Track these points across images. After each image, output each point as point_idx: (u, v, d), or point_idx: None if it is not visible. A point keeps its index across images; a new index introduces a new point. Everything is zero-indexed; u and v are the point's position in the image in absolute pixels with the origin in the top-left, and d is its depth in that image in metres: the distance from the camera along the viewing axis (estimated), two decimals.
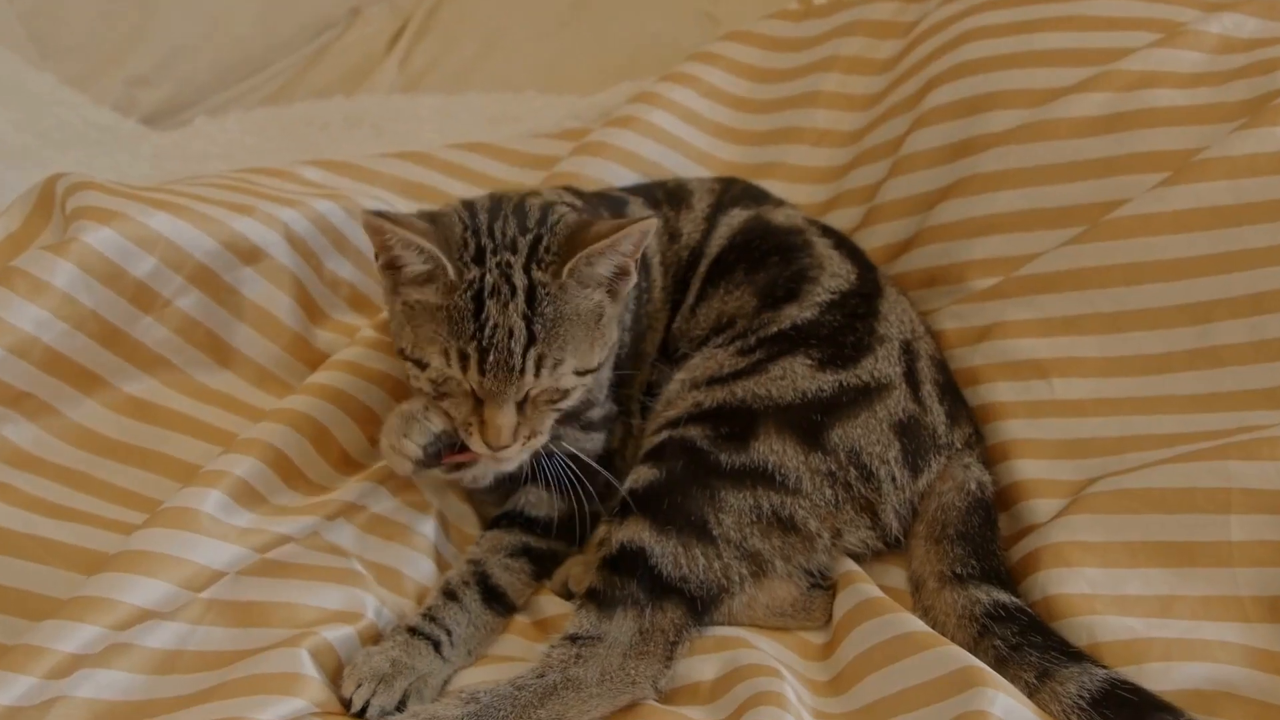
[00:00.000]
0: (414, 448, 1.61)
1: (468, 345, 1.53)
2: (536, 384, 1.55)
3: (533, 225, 1.60)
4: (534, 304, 1.54)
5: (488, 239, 1.58)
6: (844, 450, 1.63)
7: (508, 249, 1.57)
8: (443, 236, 1.58)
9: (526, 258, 1.56)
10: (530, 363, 1.53)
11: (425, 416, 1.62)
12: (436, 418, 1.63)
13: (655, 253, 1.87)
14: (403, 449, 1.62)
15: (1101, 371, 1.75)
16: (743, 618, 1.61)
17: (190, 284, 1.88)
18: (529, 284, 1.54)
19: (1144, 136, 1.85)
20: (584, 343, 1.59)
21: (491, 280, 1.54)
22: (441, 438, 1.63)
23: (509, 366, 1.53)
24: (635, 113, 2.25)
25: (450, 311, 1.55)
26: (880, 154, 2.15)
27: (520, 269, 1.55)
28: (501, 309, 1.53)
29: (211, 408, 1.87)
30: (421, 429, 1.62)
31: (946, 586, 1.60)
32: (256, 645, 1.48)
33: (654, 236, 1.85)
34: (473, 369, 1.54)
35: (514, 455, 1.60)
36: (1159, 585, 1.55)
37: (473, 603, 1.61)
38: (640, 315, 1.84)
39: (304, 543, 1.63)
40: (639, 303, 1.83)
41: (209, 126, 2.82)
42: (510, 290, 1.54)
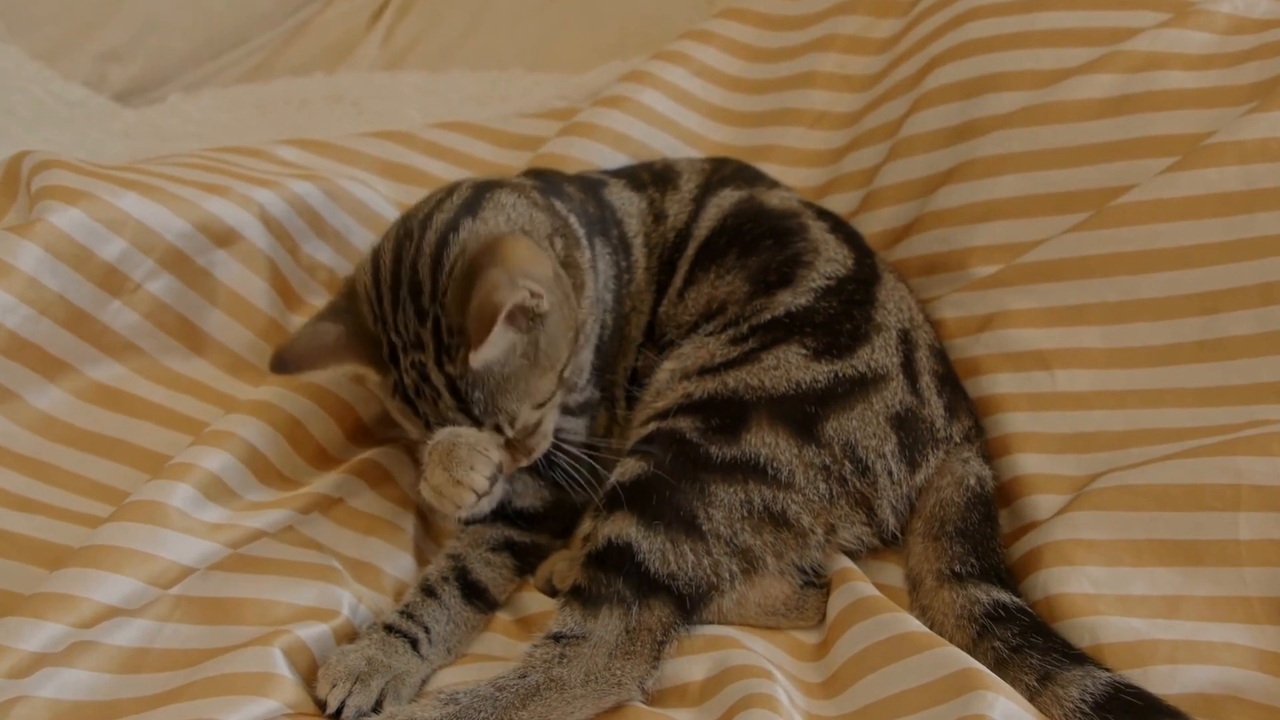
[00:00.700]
0: (482, 481, 1.58)
1: (418, 425, 1.62)
2: (502, 441, 1.59)
3: (427, 301, 1.58)
4: (459, 395, 1.57)
5: (396, 336, 1.60)
6: (839, 443, 1.61)
7: (415, 347, 1.58)
8: (356, 337, 1.62)
9: (435, 352, 1.57)
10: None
11: (485, 449, 1.59)
12: (492, 448, 1.61)
13: (638, 233, 1.87)
14: (471, 482, 1.58)
15: (1106, 363, 1.74)
16: (733, 616, 1.59)
17: (161, 267, 1.87)
18: (447, 380, 1.57)
19: (1151, 120, 1.83)
20: (530, 382, 1.60)
21: (411, 381, 1.59)
22: (499, 466, 1.62)
23: None
24: (625, 92, 2.24)
25: (400, 411, 1.63)
26: (879, 136, 2.13)
27: (433, 366, 1.57)
28: (433, 408, 1.59)
29: (183, 396, 1.86)
30: (485, 461, 1.59)
31: (945, 585, 1.59)
32: (227, 643, 1.47)
33: (636, 217, 1.87)
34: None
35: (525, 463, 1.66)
36: (1164, 585, 1.54)
37: (452, 599, 1.60)
38: (622, 297, 1.83)
39: (278, 537, 1.62)
40: (620, 284, 1.82)
41: (183, 104, 2.81)
42: (433, 392, 1.58)
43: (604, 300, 1.79)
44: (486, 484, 1.58)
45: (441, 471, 1.57)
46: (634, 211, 1.89)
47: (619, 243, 1.84)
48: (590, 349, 1.75)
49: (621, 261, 1.83)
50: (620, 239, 1.85)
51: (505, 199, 1.68)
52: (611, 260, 1.82)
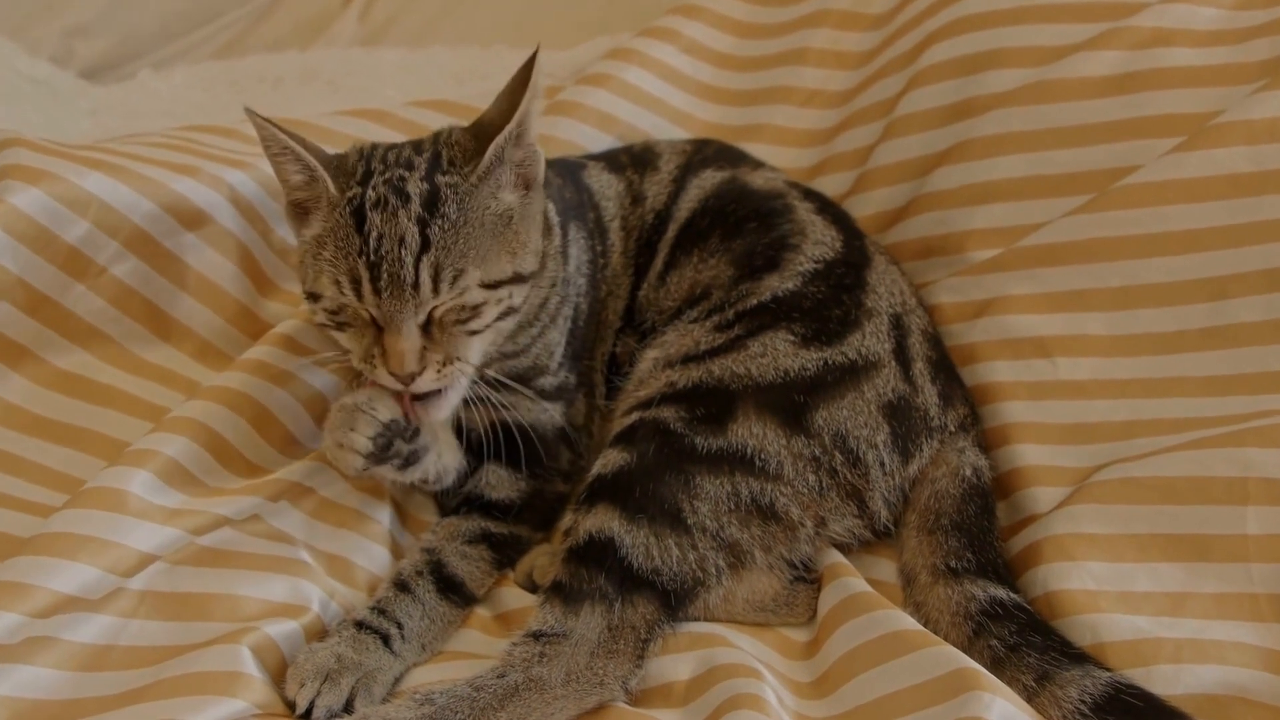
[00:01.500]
0: (363, 441, 1.58)
1: (356, 264, 1.51)
2: (437, 299, 1.52)
3: (428, 146, 1.60)
4: (435, 206, 1.52)
5: (379, 164, 1.58)
6: (828, 433, 1.60)
7: (402, 166, 1.56)
8: (331, 160, 1.59)
9: (428, 168, 1.56)
10: (425, 274, 1.50)
11: (370, 407, 1.59)
12: (383, 406, 1.59)
13: (614, 216, 1.87)
14: (351, 444, 1.58)
15: (1109, 350, 1.74)
16: (720, 613, 1.59)
17: (127, 250, 1.86)
18: (430, 189, 1.53)
19: (1156, 98, 1.84)
20: (491, 250, 1.56)
21: (376, 194, 1.53)
22: (392, 427, 1.60)
23: (401, 280, 1.50)
24: (610, 70, 2.23)
25: (335, 232, 1.54)
26: (873, 115, 2.13)
27: (418, 179, 1.54)
28: (389, 218, 1.51)
29: (149, 383, 1.85)
30: (368, 420, 1.58)
31: (940, 581, 1.58)
32: (194, 641, 1.46)
33: (614, 200, 1.87)
34: (366, 291, 1.51)
35: (431, 384, 1.56)
36: (1169, 581, 1.53)
37: (426, 594, 1.59)
38: (597, 281, 1.83)
39: (245, 528, 1.61)
40: (594, 268, 1.82)
41: (153, 81, 2.79)
42: (401, 199, 1.52)
43: (577, 284, 1.78)
44: (369, 444, 1.57)
45: (327, 435, 1.59)
46: (611, 194, 1.89)
47: (595, 226, 1.83)
48: (560, 330, 1.74)
49: (597, 246, 1.83)
50: (597, 222, 1.84)
51: None
52: (586, 245, 1.82)
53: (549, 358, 1.75)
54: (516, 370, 1.70)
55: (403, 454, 1.62)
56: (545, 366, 1.74)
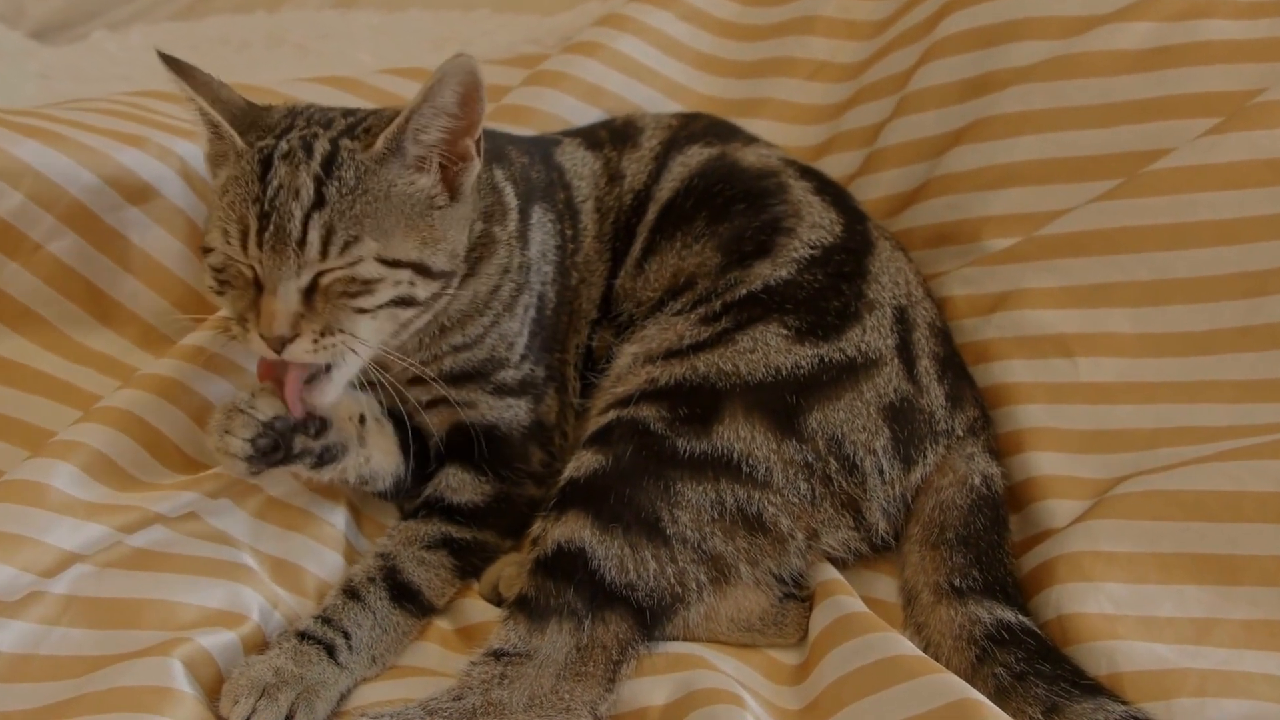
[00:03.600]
0: (240, 444, 1.54)
1: (248, 212, 1.49)
2: (324, 264, 1.49)
3: (361, 112, 1.60)
4: (332, 167, 1.50)
5: (302, 120, 1.58)
6: (823, 437, 1.58)
7: (319, 124, 1.56)
8: (249, 115, 1.59)
9: (339, 131, 1.55)
10: (315, 233, 1.47)
11: (250, 405, 1.56)
12: (264, 403, 1.56)
13: (587, 197, 1.85)
14: (227, 447, 1.55)
15: (1135, 350, 1.73)
16: (701, 632, 1.57)
17: (64, 225, 1.85)
18: (331, 149, 1.52)
19: (1192, 75, 1.82)
20: (396, 229, 1.53)
21: (286, 145, 1.52)
22: (276, 425, 1.56)
23: (287, 234, 1.47)
24: (600, 38, 2.22)
25: (238, 180, 1.52)
26: (884, 90, 2.13)
27: (326, 139, 1.53)
28: (291, 169, 1.50)
29: (86, 370, 1.85)
30: (245, 421, 1.55)
31: (943, 601, 1.57)
32: (121, 651, 1.45)
33: (588, 179, 1.85)
34: (251, 242, 1.49)
35: (303, 351, 1.50)
36: (1194, 606, 1.51)
37: (379, 601, 1.57)
38: (566, 268, 1.80)
39: (182, 527, 1.59)
40: (563, 254, 1.80)
41: (108, 42, 2.78)
42: (306, 153, 1.51)
43: (541, 271, 1.76)
44: (247, 447, 1.54)
45: (208, 438, 1.57)
46: (586, 173, 1.87)
47: (565, 208, 1.82)
48: (518, 320, 1.73)
49: (566, 230, 1.81)
50: (567, 204, 1.82)
51: None
52: (554, 229, 1.80)
53: (508, 349, 1.72)
54: (471, 363, 1.68)
55: (312, 450, 1.59)
56: (504, 359, 1.72)
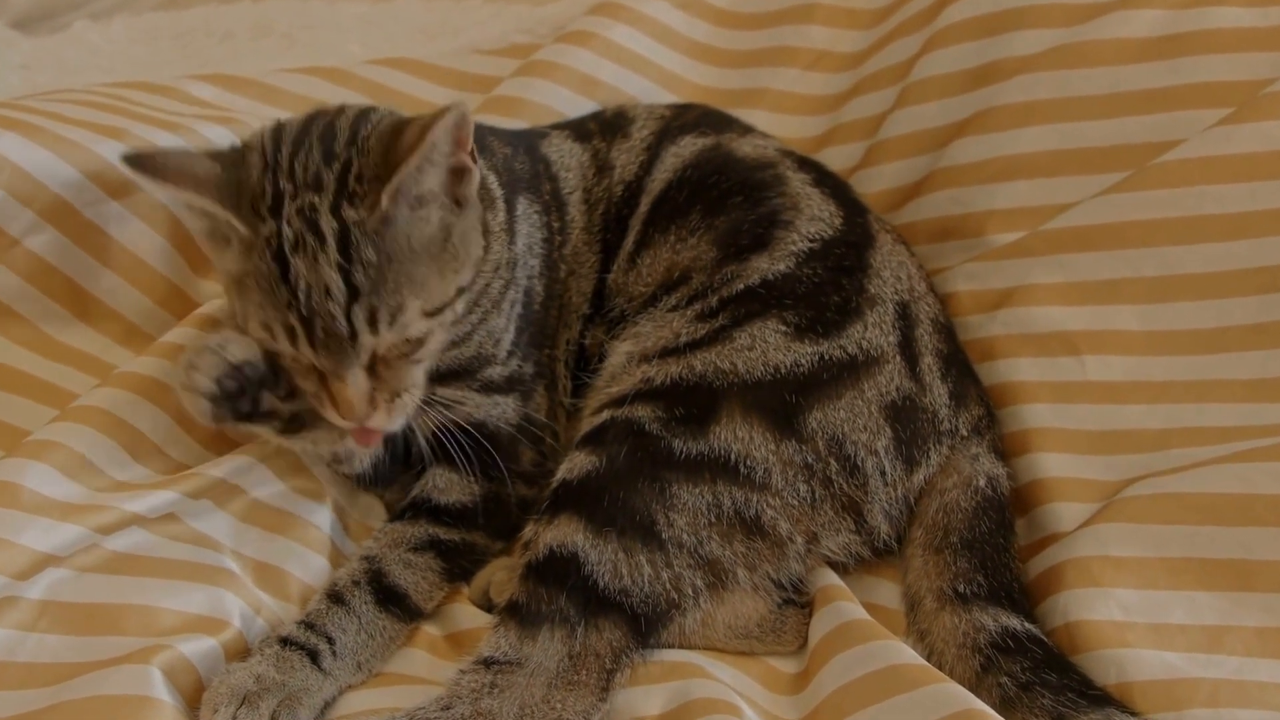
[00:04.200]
0: (205, 381, 1.53)
1: (287, 315, 1.47)
2: (378, 342, 1.48)
3: (341, 148, 1.51)
4: (349, 250, 1.45)
5: (287, 180, 1.50)
6: (823, 438, 1.57)
7: (310, 188, 1.47)
8: (232, 182, 1.50)
9: (335, 194, 1.47)
10: (361, 321, 1.45)
11: (221, 346, 1.55)
12: (237, 347, 1.55)
13: (575, 188, 1.85)
14: (192, 382, 1.54)
15: (1143, 348, 1.72)
16: (697, 639, 1.57)
17: (44, 220, 1.84)
18: (340, 227, 1.45)
19: (1202, 64, 1.81)
20: (429, 276, 1.51)
21: (292, 231, 1.45)
22: (246, 370, 1.55)
23: (337, 333, 1.45)
24: (593, 27, 2.22)
25: (257, 277, 1.48)
26: (885, 80, 2.12)
27: (327, 211, 1.45)
28: (310, 264, 1.44)
29: (65, 368, 1.84)
30: (215, 360, 1.54)
31: (947, 607, 1.56)
32: (99, 658, 1.43)
33: (575, 170, 1.85)
34: (302, 343, 1.48)
35: (383, 422, 1.54)
36: (1207, 613, 1.50)
37: (364, 606, 1.56)
38: (554, 261, 1.80)
39: (161, 529, 1.58)
40: (549, 246, 1.79)
41: (90, 33, 2.74)
42: (318, 240, 1.45)
43: (529, 265, 1.76)
44: (212, 386, 1.53)
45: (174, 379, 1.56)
46: (573, 165, 1.87)
47: (551, 200, 1.81)
48: (505, 315, 1.72)
49: (553, 222, 1.80)
50: (553, 195, 1.82)
51: None
52: (540, 221, 1.79)
53: (495, 345, 1.71)
54: (459, 361, 1.67)
55: (281, 413, 1.58)
56: (491, 356, 1.71)
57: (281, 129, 1.56)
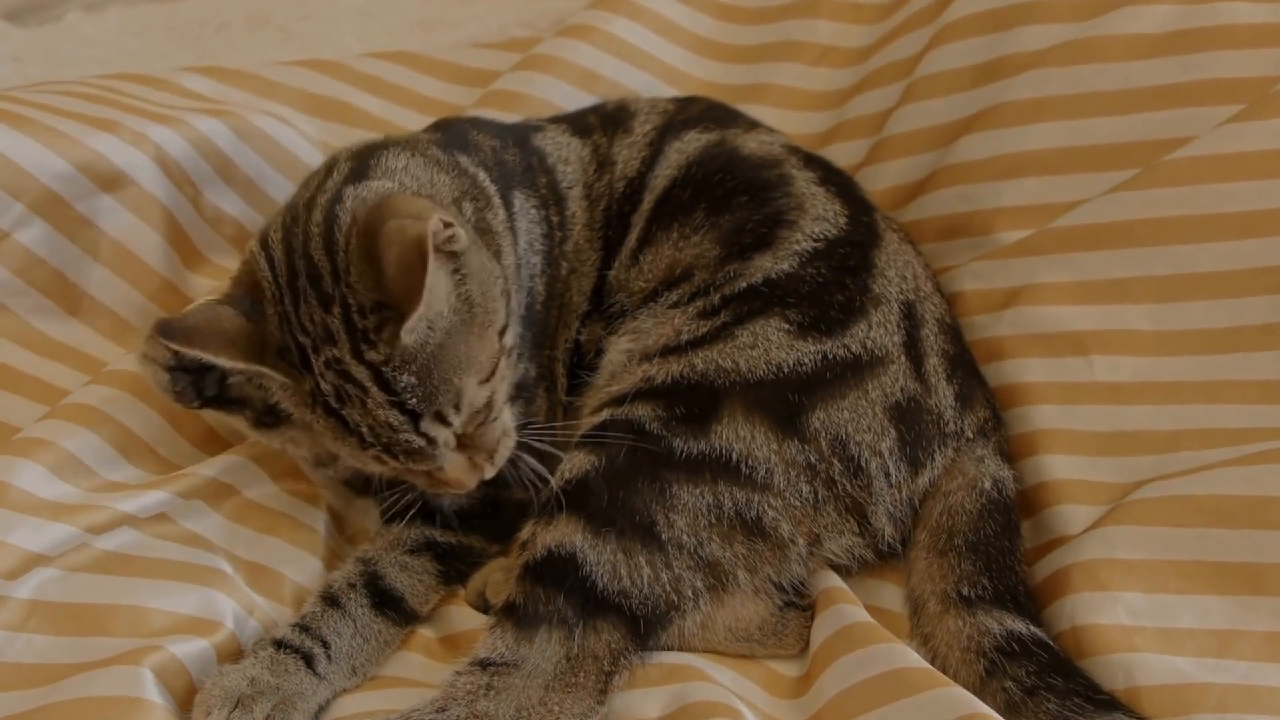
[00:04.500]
0: (161, 350, 1.54)
1: (368, 452, 1.49)
2: (454, 428, 1.49)
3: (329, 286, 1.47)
4: (389, 386, 1.45)
5: (303, 335, 1.48)
6: (826, 438, 1.56)
7: (326, 340, 1.46)
8: (258, 337, 1.50)
9: (350, 344, 1.45)
10: (430, 429, 1.47)
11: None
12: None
13: (574, 183, 1.84)
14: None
15: (1153, 348, 1.71)
16: (697, 642, 1.56)
17: (33, 213, 1.84)
18: (371, 372, 1.45)
19: (1214, 60, 1.80)
20: (471, 350, 1.50)
21: (332, 388, 1.47)
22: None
23: (416, 450, 1.47)
24: (594, 21, 2.22)
25: (318, 425, 1.51)
26: (891, 75, 2.11)
27: (351, 359, 1.45)
28: (363, 411, 1.46)
29: (54, 363, 1.84)
30: None
31: (951, 610, 1.55)
32: (89, 659, 1.44)
33: (574, 164, 1.85)
34: (392, 463, 1.50)
35: (493, 471, 1.57)
36: (1216, 617, 1.49)
37: (359, 609, 1.56)
38: (555, 258, 1.79)
39: (153, 529, 1.59)
40: (550, 243, 1.79)
41: (83, 24, 2.74)
42: (359, 391, 1.45)
43: (530, 263, 1.75)
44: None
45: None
46: (571, 158, 1.86)
47: (549, 194, 1.80)
48: (515, 319, 1.70)
49: (553, 217, 1.79)
50: (550, 189, 1.81)
51: (393, 161, 1.62)
52: (539, 216, 1.78)
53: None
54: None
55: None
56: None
57: (273, 261, 1.52)
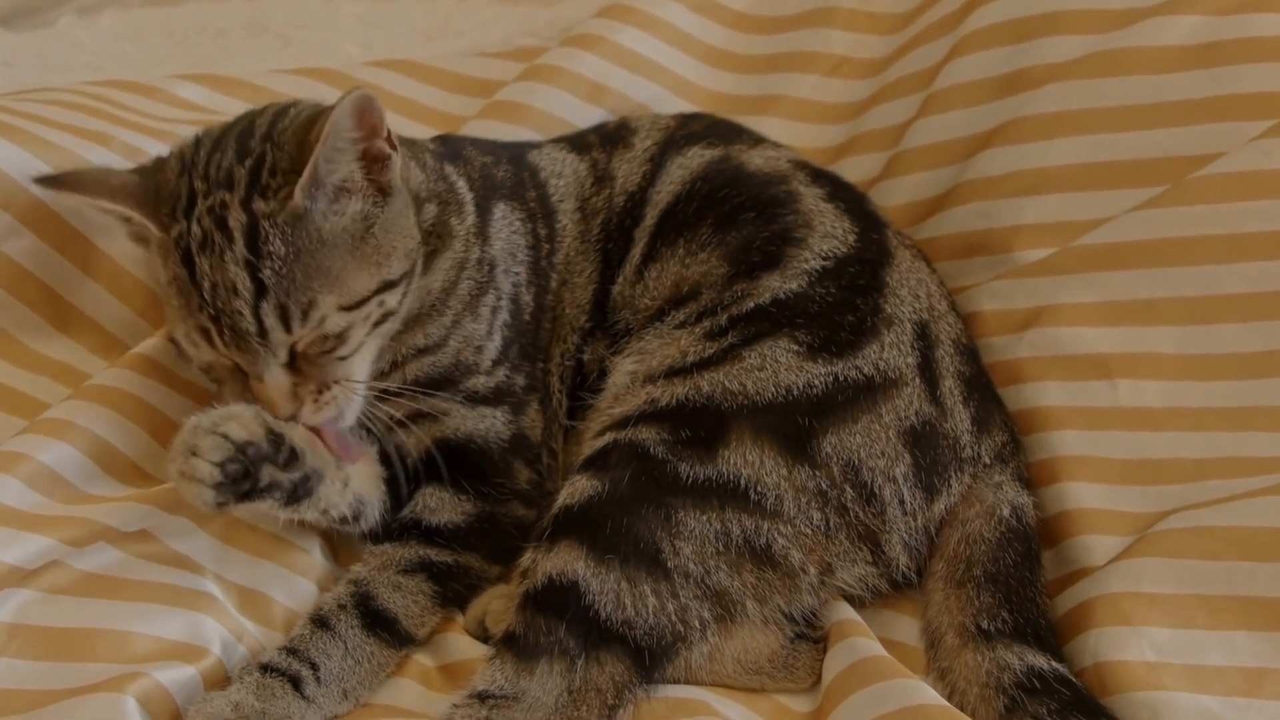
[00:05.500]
0: (209, 469, 1.50)
1: (199, 317, 1.52)
2: (291, 337, 1.51)
3: (256, 144, 1.57)
4: (257, 244, 1.49)
5: (201, 180, 1.55)
6: (838, 463, 1.56)
7: (223, 185, 1.53)
8: (150, 189, 1.57)
9: (246, 189, 1.52)
10: (270, 319, 1.49)
11: (220, 427, 1.53)
12: (238, 425, 1.53)
13: (565, 196, 1.87)
14: (194, 471, 1.51)
15: (1180, 372, 1.70)
16: (704, 674, 1.55)
17: (22, 225, 1.84)
18: (249, 222, 1.50)
19: (1244, 73, 1.79)
20: (346, 270, 1.54)
21: (201, 230, 1.51)
22: (249, 451, 1.52)
23: (245, 332, 1.49)
24: (602, 31, 2.22)
25: (176, 281, 1.54)
26: (908, 87, 2.11)
27: (238, 206, 1.51)
28: (217, 263, 1.49)
29: (42, 379, 1.84)
30: (216, 443, 1.51)
31: (969, 644, 1.54)
32: (71, 685, 1.44)
33: (568, 179, 1.88)
34: (217, 342, 1.52)
35: (312, 417, 1.56)
36: (1245, 654, 1.48)
37: (350, 630, 1.56)
38: (543, 269, 1.81)
39: (139, 550, 1.59)
40: (536, 253, 1.81)
41: (76, 29, 2.76)
42: (225, 237, 1.50)
43: (512, 272, 1.77)
44: (216, 473, 1.50)
45: (169, 462, 1.52)
46: (564, 173, 1.88)
47: (538, 208, 1.82)
48: (484, 322, 1.74)
49: (540, 230, 1.82)
50: (540, 202, 1.83)
51: None
52: (524, 228, 1.81)
53: (475, 354, 1.73)
54: (438, 368, 1.69)
55: (283, 485, 1.55)
56: (473, 364, 1.72)
57: (204, 134, 1.62)
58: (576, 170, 1.88)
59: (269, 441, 1.52)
